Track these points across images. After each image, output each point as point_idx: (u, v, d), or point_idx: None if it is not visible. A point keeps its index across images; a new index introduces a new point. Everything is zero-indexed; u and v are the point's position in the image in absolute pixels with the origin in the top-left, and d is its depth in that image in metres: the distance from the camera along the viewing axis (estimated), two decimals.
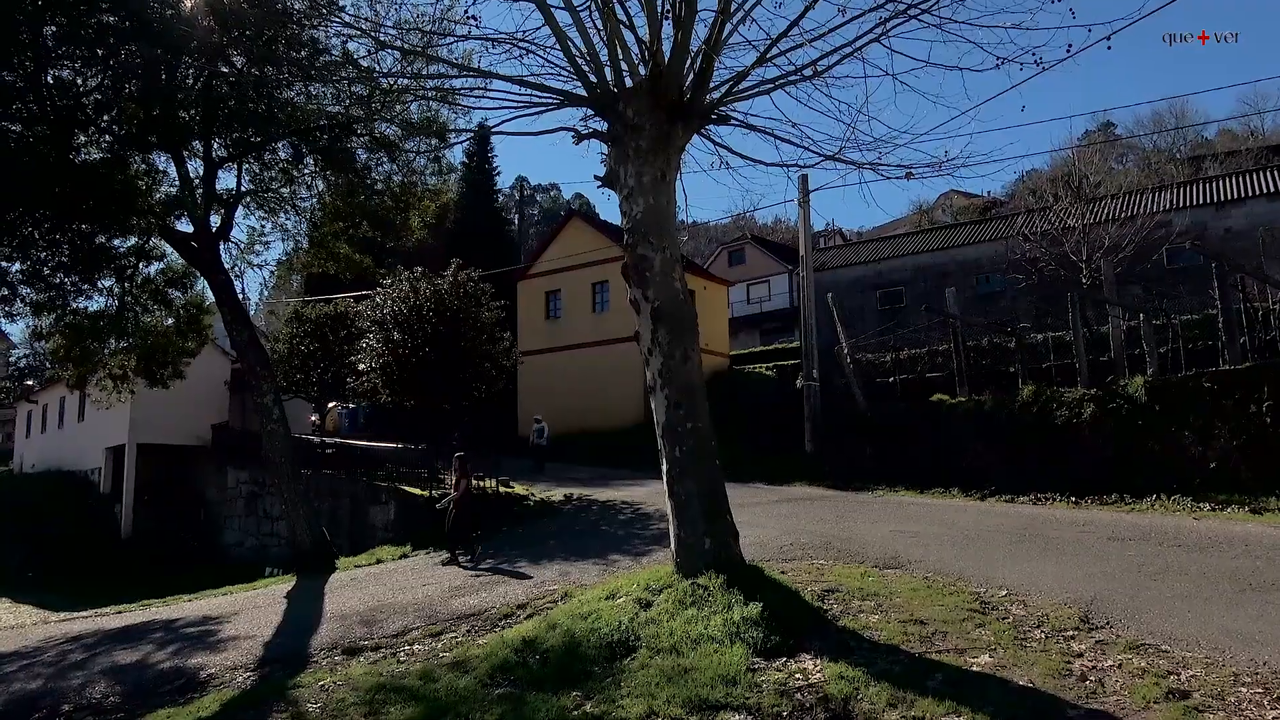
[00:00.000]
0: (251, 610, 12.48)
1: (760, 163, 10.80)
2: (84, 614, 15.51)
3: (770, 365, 35.20)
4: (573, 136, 10.10)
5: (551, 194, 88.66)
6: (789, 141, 10.11)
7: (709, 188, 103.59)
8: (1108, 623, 7.29)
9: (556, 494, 19.77)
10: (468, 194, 47.86)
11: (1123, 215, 26.65)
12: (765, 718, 5.63)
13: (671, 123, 9.11)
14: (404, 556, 15.55)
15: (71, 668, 10.16)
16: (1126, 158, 50.67)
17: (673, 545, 8.68)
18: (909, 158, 47.84)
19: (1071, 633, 7.06)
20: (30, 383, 40.80)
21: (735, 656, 6.57)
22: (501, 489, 19.35)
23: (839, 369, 23.03)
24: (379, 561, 15.65)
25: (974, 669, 6.31)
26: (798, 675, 6.28)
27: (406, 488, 18.77)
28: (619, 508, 17.87)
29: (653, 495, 18.60)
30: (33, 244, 15.04)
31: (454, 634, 9.31)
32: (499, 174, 54.38)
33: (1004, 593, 8.47)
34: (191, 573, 21.88)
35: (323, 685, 7.65)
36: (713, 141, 10.58)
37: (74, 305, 16.29)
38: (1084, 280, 24.08)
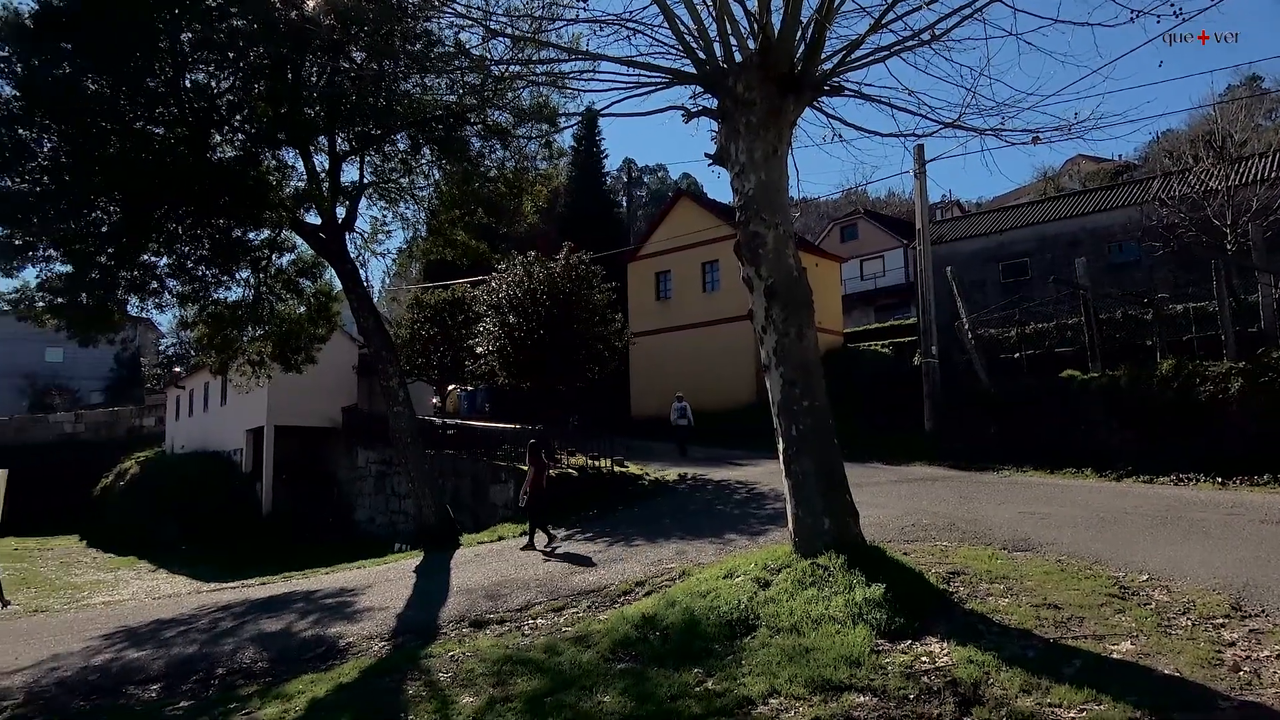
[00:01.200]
0: (383, 583, 13.08)
1: (875, 133, 10.51)
2: (232, 585, 16.58)
3: (886, 342, 34.36)
4: (682, 115, 10.05)
5: (659, 175, 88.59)
6: (905, 110, 9.80)
7: (820, 162, 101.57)
8: (1262, 611, 6.83)
9: (671, 473, 19.89)
10: (577, 177, 48.42)
11: (1273, 175, 24.68)
12: (891, 700, 5.52)
13: (782, 96, 8.95)
14: (524, 534, 15.94)
15: (223, 634, 10.88)
16: (1276, 113, 46.79)
17: (790, 525, 8.60)
18: (1035, 121, 45.37)
19: (1221, 621, 6.64)
20: (178, 369, 43.76)
21: (858, 638, 6.46)
22: (616, 468, 19.60)
23: (959, 345, 22.26)
24: (500, 539, 16.11)
25: (1114, 656, 6.03)
26: (924, 658, 6.14)
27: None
28: (733, 487, 17.84)
29: (767, 475, 18.49)
30: (177, 239, 16.07)
31: (575, 609, 9.50)
32: (607, 157, 54.72)
33: (1145, 577, 8.05)
34: (326, 547, 23.11)
35: (452, 656, 7.95)
36: (825, 114, 10.33)
37: (215, 296, 17.36)
38: (1229, 246, 22.46)
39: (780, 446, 8.65)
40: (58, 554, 29.05)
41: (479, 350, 25.39)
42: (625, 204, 71.63)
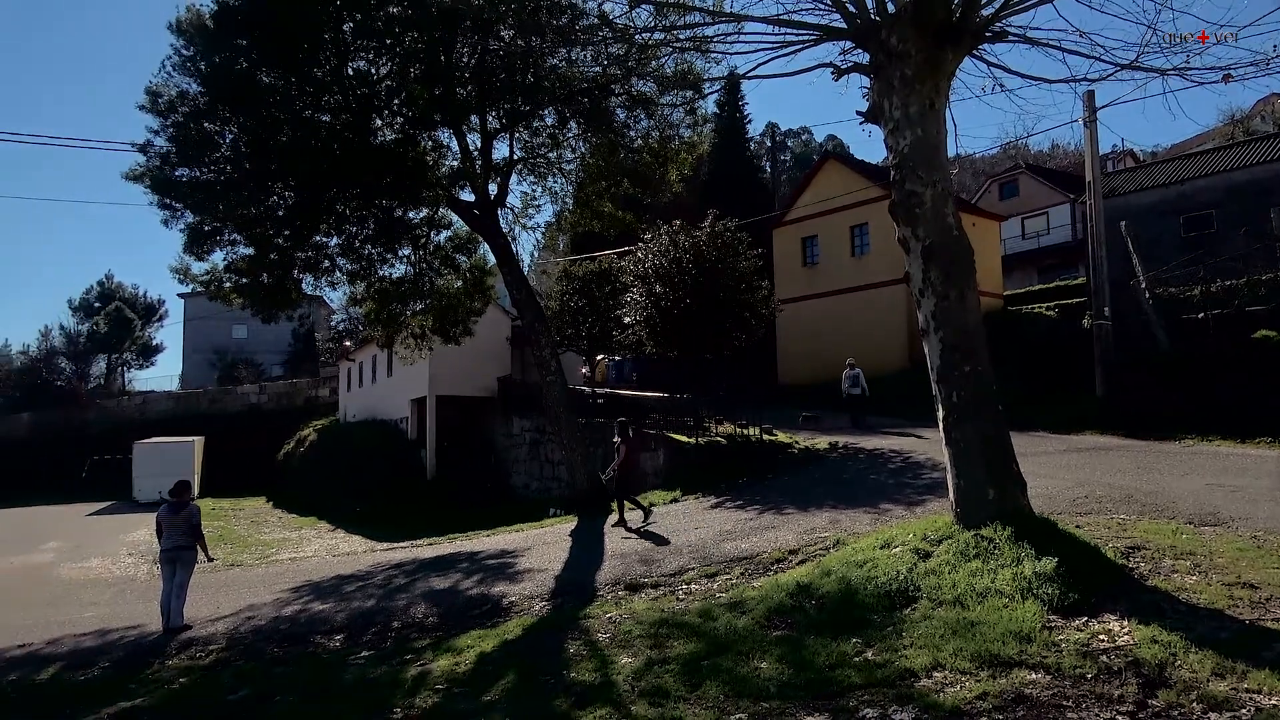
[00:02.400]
0: (541, 546, 13.57)
1: (1042, 80, 9.84)
2: (402, 544, 17.63)
3: (1051, 305, 32.40)
4: (831, 73, 9.75)
5: (803, 138, 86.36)
6: (1076, 53, 9.15)
7: (978, 115, 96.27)
8: None
9: (821, 442, 19.58)
10: (719, 144, 47.86)
11: None
12: (1066, 679, 5.26)
13: (939, 46, 8.50)
14: (674, 501, 16.13)
15: (396, 590, 11.60)
16: None
17: (951, 495, 8.30)
18: (1225, 57, 41.57)
19: None
20: (348, 344, 46.55)
21: (1028, 613, 6.18)
22: (765, 436, 19.48)
23: (1133, 305, 20.73)
24: (651, 505, 16.34)
25: None
26: (1101, 636, 5.80)
27: (674, 435, 19.39)
28: (887, 456, 17.38)
29: (922, 444, 17.92)
30: (346, 220, 17.07)
31: (728, 575, 9.55)
32: (750, 122, 53.72)
33: None
34: (486, 511, 24.15)
35: (610, 617, 8.17)
36: (986, 62, 9.74)
37: (380, 273, 18.41)
38: None
39: (939, 414, 8.33)
40: (248, 513, 31.72)
41: (626, 320, 25.70)
42: (769, 169, 70.47)
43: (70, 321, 60.63)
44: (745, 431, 19.77)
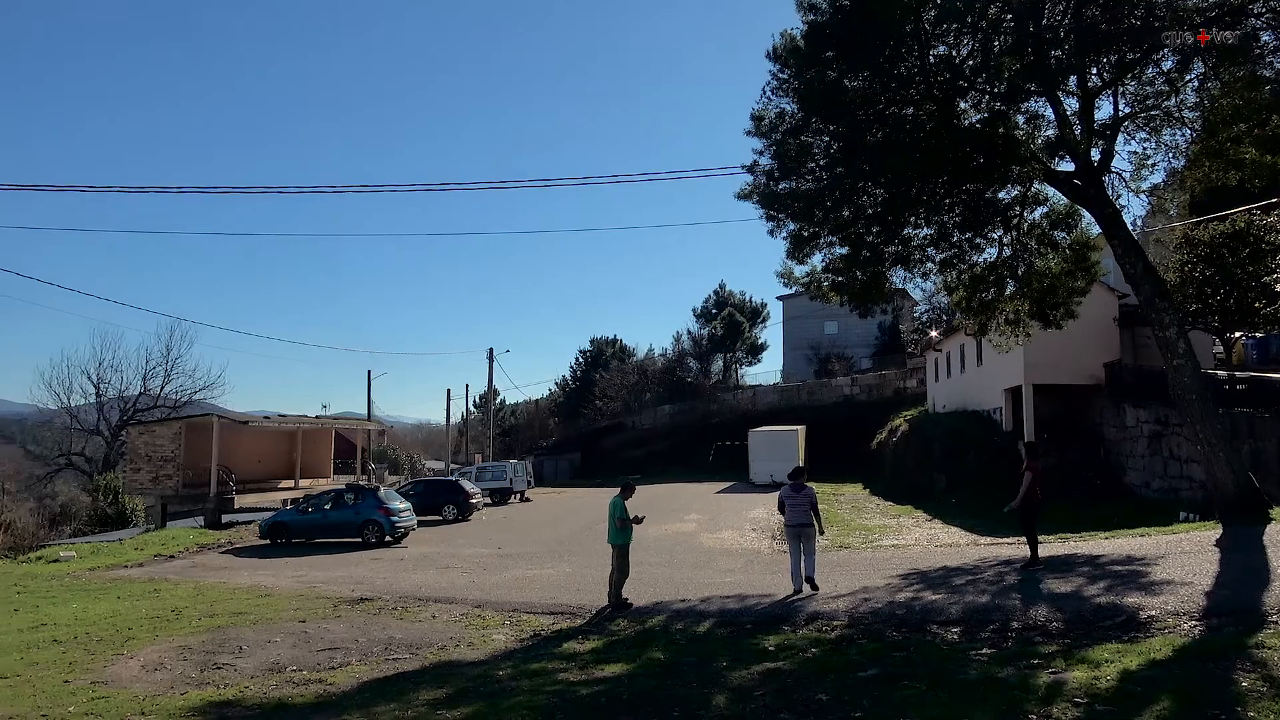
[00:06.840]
0: (1177, 555, 11.85)
1: None
2: (1008, 540, 16.88)
3: None
4: None
5: None
6: None
7: None
8: None
9: None
10: None
11: None
12: None
13: None
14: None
15: (1009, 589, 11.11)
16: None
17: None
18: None
19: None
20: (933, 334, 46.45)
21: None
22: None
23: None
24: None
25: None
26: None
27: None
28: None
29: None
30: (935, 210, 16.93)
31: None
32: None
33: None
34: (1095, 510, 21.94)
35: None
36: None
37: (970, 259, 17.86)
38: None
39: None
40: (848, 499, 33.50)
41: (1279, 288, 21.11)
42: None
43: (695, 326, 71.14)
44: None
